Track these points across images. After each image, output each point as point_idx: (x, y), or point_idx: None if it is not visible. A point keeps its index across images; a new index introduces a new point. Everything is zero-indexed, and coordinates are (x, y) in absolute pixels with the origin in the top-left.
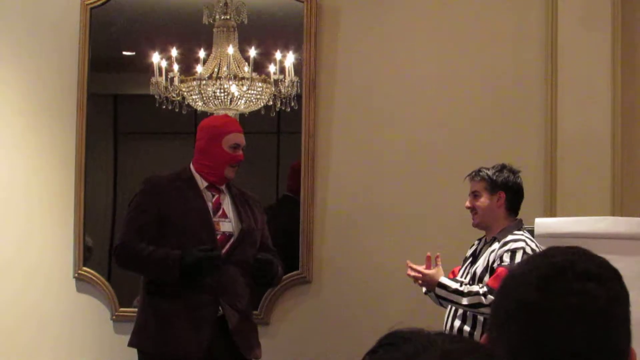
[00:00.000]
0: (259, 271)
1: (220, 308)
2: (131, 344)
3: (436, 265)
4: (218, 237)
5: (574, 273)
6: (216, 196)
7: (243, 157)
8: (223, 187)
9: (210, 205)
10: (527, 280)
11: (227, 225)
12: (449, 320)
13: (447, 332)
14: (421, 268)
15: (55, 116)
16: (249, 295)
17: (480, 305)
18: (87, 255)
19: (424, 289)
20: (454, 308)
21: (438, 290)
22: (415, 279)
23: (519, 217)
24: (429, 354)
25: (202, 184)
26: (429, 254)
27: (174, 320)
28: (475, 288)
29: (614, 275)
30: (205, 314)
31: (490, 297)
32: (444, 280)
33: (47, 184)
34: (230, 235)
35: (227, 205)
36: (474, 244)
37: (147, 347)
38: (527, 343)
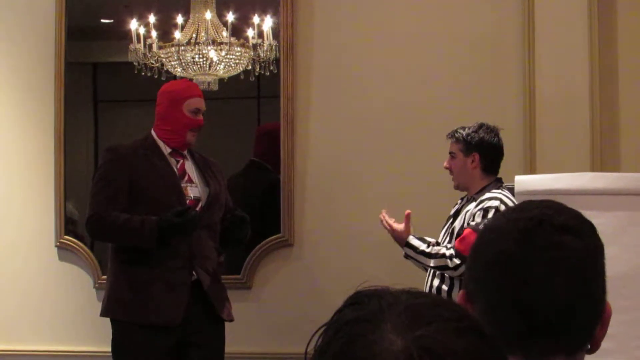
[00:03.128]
0: (235, 227)
1: (194, 272)
2: (105, 313)
3: (406, 222)
4: (187, 202)
5: (552, 226)
6: (181, 162)
7: (203, 122)
8: (185, 153)
9: (176, 171)
10: (505, 233)
11: (195, 190)
12: (429, 279)
13: (427, 290)
14: (392, 222)
15: (33, 86)
16: (217, 258)
17: (446, 267)
18: (70, 227)
19: (403, 253)
20: None
21: (406, 250)
22: (387, 230)
23: (499, 175)
24: (393, 310)
25: (166, 150)
26: (407, 211)
27: (150, 287)
28: (442, 250)
29: (589, 228)
30: (180, 278)
31: (456, 260)
32: (412, 240)
33: (26, 154)
34: (198, 200)
35: (191, 170)
36: (457, 203)
37: (123, 316)
38: (505, 295)
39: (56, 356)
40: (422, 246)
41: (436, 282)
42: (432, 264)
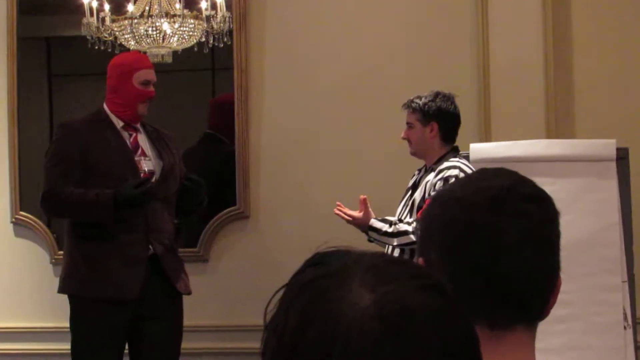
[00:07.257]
0: (191, 191)
1: (150, 246)
2: (62, 290)
3: (364, 208)
4: (141, 175)
5: (519, 195)
6: (133, 135)
7: (154, 93)
8: (138, 126)
9: (129, 144)
10: (472, 203)
11: (148, 163)
12: (389, 250)
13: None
14: (352, 212)
15: None
16: (173, 232)
17: (411, 243)
18: (26, 203)
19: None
20: None
21: (370, 233)
22: (346, 221)
23: (456, 143)
24: (358, 266)
25: (118, 123)
26: (361, 197)
27: (106, 262)
28: (403, 227)
29: (548, 196)
30: (137, 252)
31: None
32: (374, 223)
33: None
34: (152, 173)
35: (144, 143)
36: (414, 174)
37: (80, 292)
38: (474, 265)
39: (14, 332)
40: (385, 227)
41: (397, 252)
42: (395, 243)
